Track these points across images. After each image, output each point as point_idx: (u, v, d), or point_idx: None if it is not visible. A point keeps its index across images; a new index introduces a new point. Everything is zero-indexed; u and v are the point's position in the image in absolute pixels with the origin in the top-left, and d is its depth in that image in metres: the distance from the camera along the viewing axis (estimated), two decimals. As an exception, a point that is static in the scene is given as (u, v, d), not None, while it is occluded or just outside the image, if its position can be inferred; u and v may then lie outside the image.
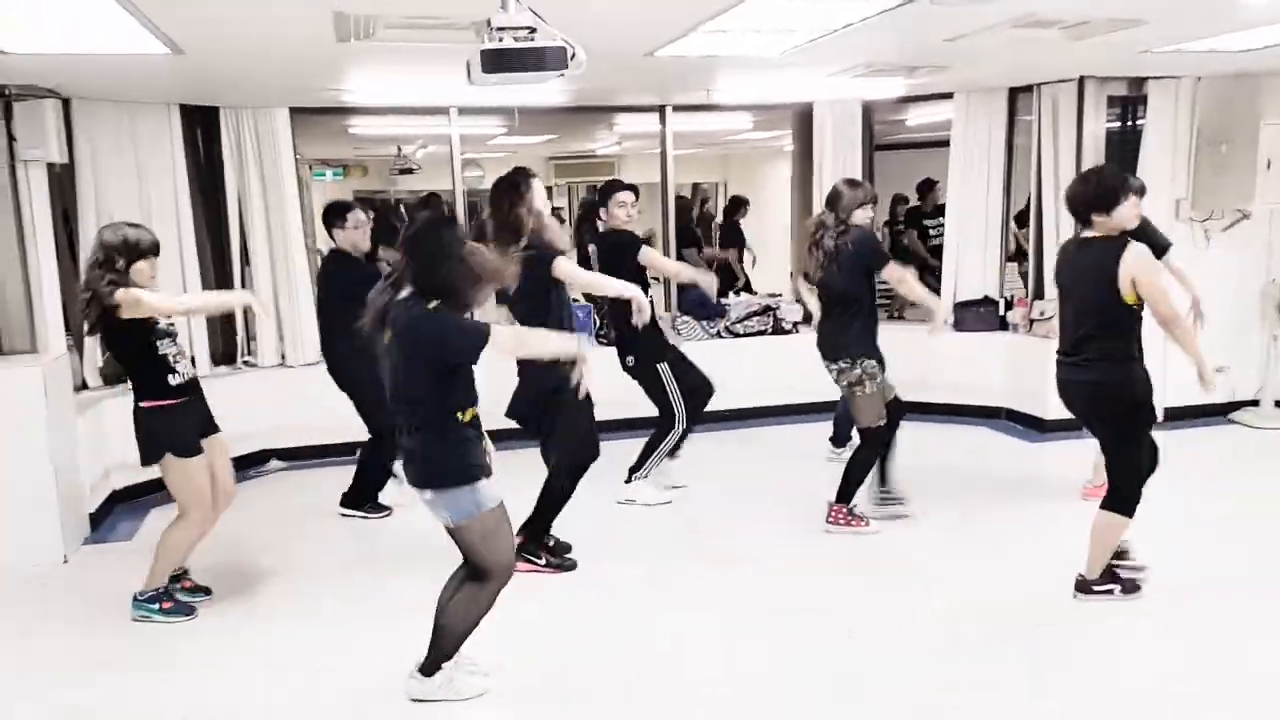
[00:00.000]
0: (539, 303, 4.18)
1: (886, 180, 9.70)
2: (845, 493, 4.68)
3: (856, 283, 4.53)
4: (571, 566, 4.36)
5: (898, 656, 3.56)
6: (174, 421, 3.86)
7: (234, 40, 3.91)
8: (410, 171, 11.32)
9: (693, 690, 3.36)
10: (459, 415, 2.98)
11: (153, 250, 3.90)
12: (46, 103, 4.70)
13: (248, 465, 6.19)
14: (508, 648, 3.56)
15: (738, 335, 7.16)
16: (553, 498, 4.33)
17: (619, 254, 4.93)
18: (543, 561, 4.32)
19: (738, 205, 10.61)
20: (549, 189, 14.58)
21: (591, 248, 5.21)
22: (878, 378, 4.55)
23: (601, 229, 5.18)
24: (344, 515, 5.22)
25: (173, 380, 3.85)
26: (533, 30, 2.66)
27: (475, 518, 3.00)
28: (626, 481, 5.22)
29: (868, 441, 4.67)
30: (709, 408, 5.36)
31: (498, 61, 2.60)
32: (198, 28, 3.62)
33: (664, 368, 5.10)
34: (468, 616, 3.14)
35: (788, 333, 7.18)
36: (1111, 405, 3.74)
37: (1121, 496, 3.77)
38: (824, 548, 4.60)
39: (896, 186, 9.94)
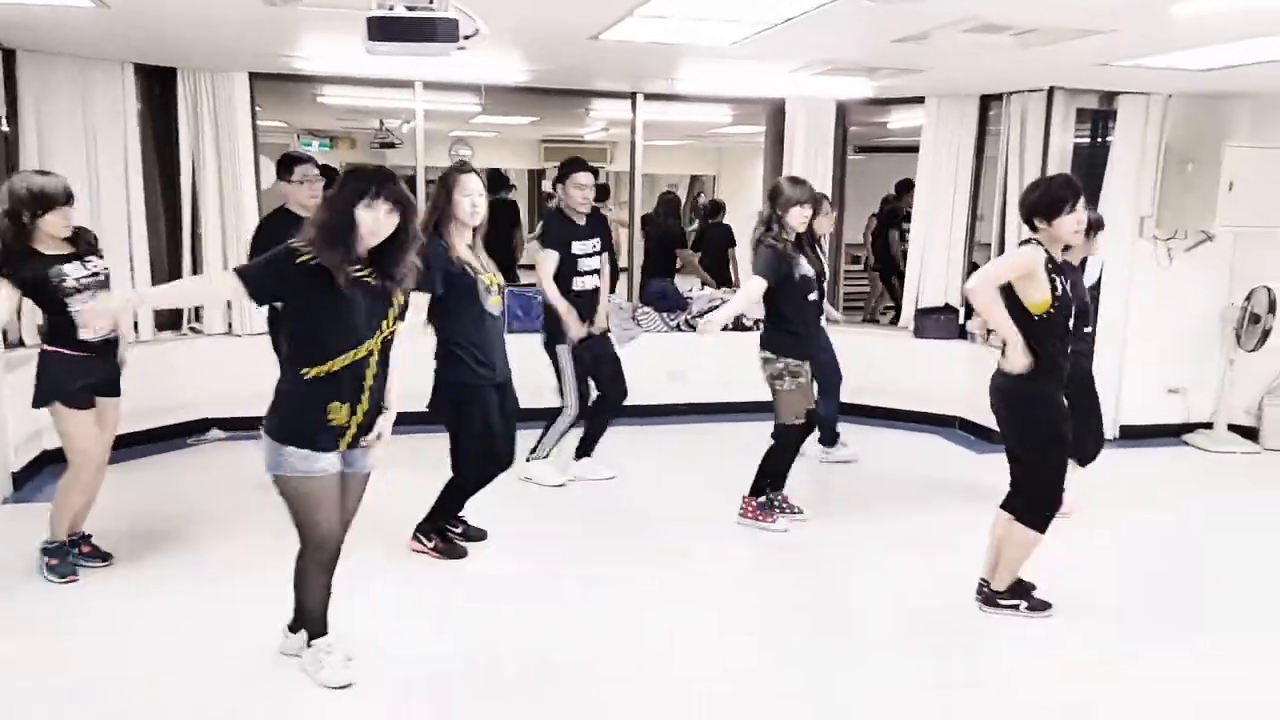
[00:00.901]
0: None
1: (872, 182, 9.72)
2: (757, 485, 4.72)
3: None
4: (462, 554, 4.28)
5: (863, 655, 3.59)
6: (70, 372, 3.83)
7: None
8: (392, 146, 11.21)
9: (683, 686, 3.33)
10: (304, 371, 2.87)
11: (61, 199, 3.71)
12: (-18, 53, 4.63)
13: (188, 433, 6.17)
14: (479, 641, 3.55)
15: (697, 329, 7.09)
16: (453, 495, 4.26)
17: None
18: (431, 545, 4.27)
19: (716, 209, 10.31)
20: (540, 171, 14.52)
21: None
22: (800, 376, 4.52)
23: (556, 205, 5.13)
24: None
25: (82, 334, 3.77)
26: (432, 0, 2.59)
27: (278, 476, 2.95)
28: (526, 460, 5.19)
29: (780, 440, 4.66)
30: (670, 400, 5.70)
31: (385, 29, 2.53)
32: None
33: (562, 350, 5.07)
34: (302, 588, 3.11)
35: (749, 329, 7.10)
36: (1011, 415, 3.68)
37: (1036, 511, 3.70)
38: (770, 544, 4.62)
39: (883, 189, 9.90)
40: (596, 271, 5.18)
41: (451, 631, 3.65)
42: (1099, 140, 6.37)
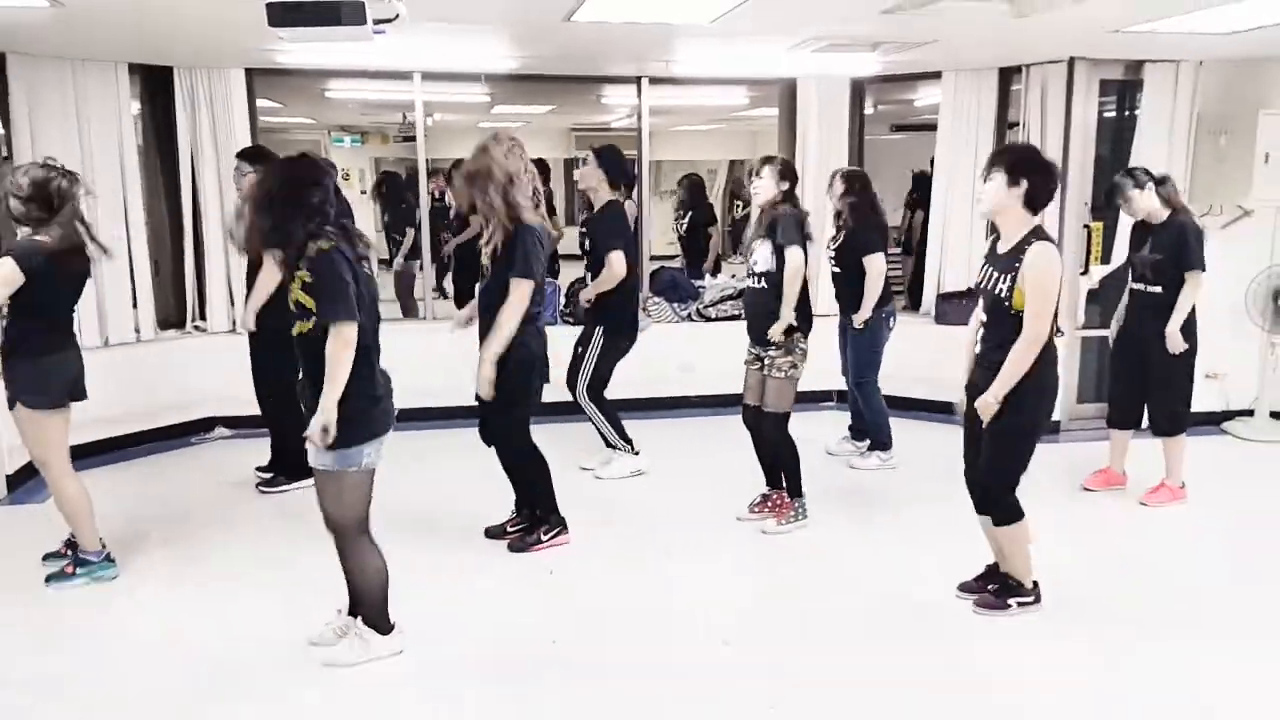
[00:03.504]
0: None
1: (915, 162, 9.39)
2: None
3: None
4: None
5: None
6: None
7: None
8: (413, 139, 11.14)
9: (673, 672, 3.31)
10: None
11: None
12: (-41, 55, 4.62)
13: (192, 431, 6.17)
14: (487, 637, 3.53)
15: (709, 319, 6.92)
16: None
17: None
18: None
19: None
20: (572, 160, 14.36)
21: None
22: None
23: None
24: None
25: None
26: (345, -15, 2.45)
27: None
28: None
29: None
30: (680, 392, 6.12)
31: (285, 15, 2.40)
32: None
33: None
34: None
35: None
36: None
37: None
38: (769, 541, 4.49)
39: (917, 167, 9.57)
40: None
41: (452, 624, 3.60)
42: (1126, 112, 6.02)
